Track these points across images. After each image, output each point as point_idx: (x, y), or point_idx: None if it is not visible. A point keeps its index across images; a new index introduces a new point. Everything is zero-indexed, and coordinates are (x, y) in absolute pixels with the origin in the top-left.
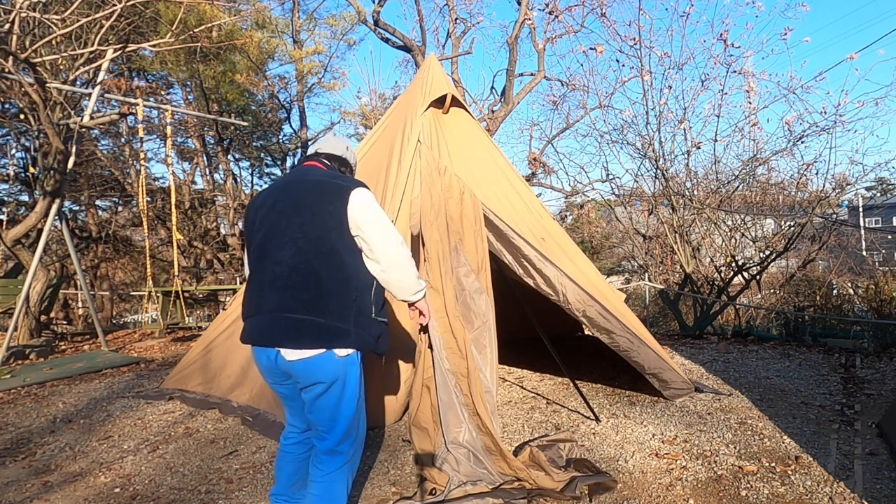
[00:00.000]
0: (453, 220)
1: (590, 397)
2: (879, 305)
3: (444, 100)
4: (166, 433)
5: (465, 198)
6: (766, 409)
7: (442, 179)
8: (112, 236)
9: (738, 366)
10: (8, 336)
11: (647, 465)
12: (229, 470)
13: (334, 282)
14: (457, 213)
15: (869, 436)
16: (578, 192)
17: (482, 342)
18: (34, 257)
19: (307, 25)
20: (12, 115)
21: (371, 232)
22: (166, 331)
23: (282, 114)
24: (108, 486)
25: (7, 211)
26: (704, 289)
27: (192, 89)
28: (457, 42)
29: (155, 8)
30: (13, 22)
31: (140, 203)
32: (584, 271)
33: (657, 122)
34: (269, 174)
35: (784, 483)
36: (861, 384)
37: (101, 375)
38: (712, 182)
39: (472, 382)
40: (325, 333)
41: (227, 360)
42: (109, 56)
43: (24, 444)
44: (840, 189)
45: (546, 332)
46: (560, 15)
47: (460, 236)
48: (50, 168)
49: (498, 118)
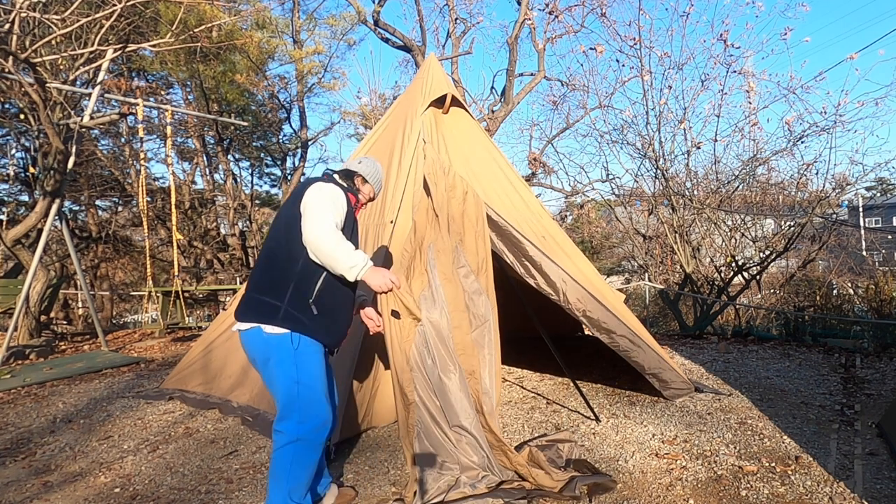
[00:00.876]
0: (454, 221)
1: (590, 397)
2: (879, 305)
3: (444, 100)
4: (166, 433)
5: (469, 197)
6: (766, 409)
7: (446, 179)
8: (112, 236)
9: (738, 366)
10: (8, 336)
11: (647, 465)
12: (229, 470)
13: (282, 261)
14: (458, 212)
15: (869, 436)
16: (578, 192)
17: (480, 343)
18: (34, 257)
19: (307, 25)
20: (12, 115)
21: (305, 215)
22: (166, 331)
23: (282, 114)
24: (108, 486)
25: (7, 211)
26: (704, 289)
27: (192, 89)
28: (457, 42)
29: (155, 8)
30: (13, 22)
31: (140, 203)
32: (584, 271)
33: (657, 122)
34: (269, 174)
35: (784, 483)
36: (861, 384)
37: (101, 375)
38: (712, 182)
39: (475, 382)
40: (259, 307)
41: (227, 360)
42: (109, 56)
43: (24, 444)
44: (840, 189)
45: (547, 332)
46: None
47: (461, 237)
48: (50, 168)
49: (498, 118)
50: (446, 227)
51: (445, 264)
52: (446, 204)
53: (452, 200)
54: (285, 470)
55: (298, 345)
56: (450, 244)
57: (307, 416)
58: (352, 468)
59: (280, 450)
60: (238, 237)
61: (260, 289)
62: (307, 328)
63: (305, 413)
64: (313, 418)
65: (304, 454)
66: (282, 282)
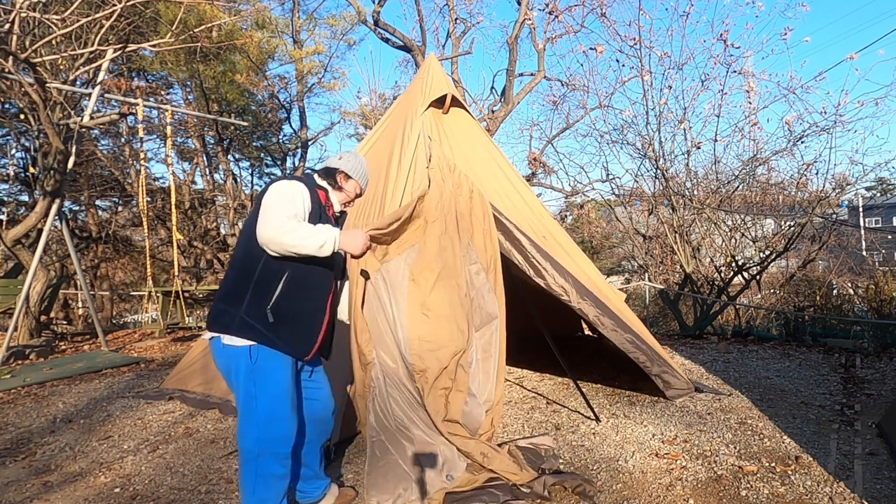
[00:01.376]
0: (463, 218)
1: (590, 397)
2: (879, 305)
3: (444, 100)
4: (166, 433)
5: (475, 196)
6: (766, 409)
7: (452, 176)
8: (112, 236)
9: (738, 366)
10: (8, 336)
11: (647, 465)
12: (229, 470)
13: (241, 268)
14: (466, 210)
15: (869, 436)
16: (578, 192)
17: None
18: (34, 257)
19: (307, 25)
20: (12, 115)
21: (259, 217)
22: (166, 331)
23: (282, 114)
24: (108, 486)
25: (7, 211)
26: (704, 289)
27: (192, 89)
28: (457, 42)
29: (155, 8)
30: (13, 22)
31: (140, 203)
32: (585, 270)
33: (657, 122)
34: (269, 174)
35: (784, 483)
36: (861, 384)
37: (101, 375)
38: (712, 182)
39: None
40: (218, 316)
41: None
42: (109, 56)
43: (24, 444)
44: (840, 189)
45: (549, 332)
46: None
47: (471, 234)
48: (50, 168)
49: (498, 118)
50: (455, 226)
51: (421, 263)
52: (454, 201)
53: (460, 198)
54: (251, 485)
55: (257, 359)
56: (461, 241)
57: (265, 433)
58: (352, 468)
59: (243, 466)
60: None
61: (221, 296)
62: (265, 338)
63: (264, 430)
64: (272, 434)
65: (267, 468)
66: (240, 289)
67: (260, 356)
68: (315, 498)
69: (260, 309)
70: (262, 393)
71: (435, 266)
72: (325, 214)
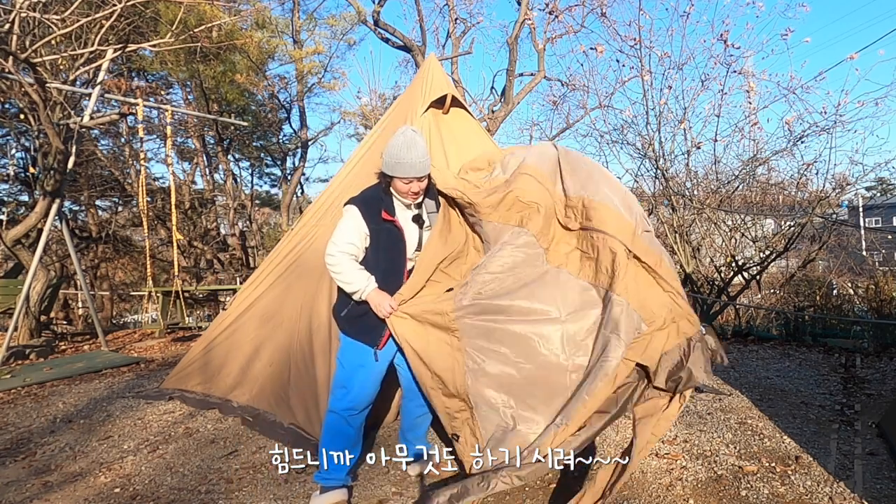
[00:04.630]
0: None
1: None
2: (879, 305)
3: (444, 100)
4: (166, 433)
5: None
6: (766, 409)
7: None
8: (112, 236)
9: (738, 366)
10: (8, 336)
11: (647, 465)
12: (229, 470)
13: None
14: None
15: (869, 436)
16: None
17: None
18: (34, 257)
19: (307, 25)
20: (12, 115)
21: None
22: (166, 331)
23: (282, 114)
24: (108, 486)
25: (7, 211)
26: (704, 289)
27: (192, 89)
28: (457, 42)
29: (155, 8)
30: (13, 22)
31: (140, 203)
32: None
33: (657, 122)
34: (269, 174)
35: (784, 483)
36: (861, 384)
37: (101, 375)
38: (712, 182)
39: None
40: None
41: (227, 359)
42: (109, 56)
43: (24, 444)
44: (840, 189)
45: None
46: (560, 15)
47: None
48: (50, 168)
49: (498, 118)
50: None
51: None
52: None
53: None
54: (323, 434)
55: (347, 345)
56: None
57: (334, 396)
58: (351, 468)
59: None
60: (238, 237)
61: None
62: (343, 326)
63: (333, 393)
64: (332, 404)
65: (332, 425)
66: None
67: (343, 339)
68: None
69: (338, 305)
70: (341, 372)
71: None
72: (395, 227)
